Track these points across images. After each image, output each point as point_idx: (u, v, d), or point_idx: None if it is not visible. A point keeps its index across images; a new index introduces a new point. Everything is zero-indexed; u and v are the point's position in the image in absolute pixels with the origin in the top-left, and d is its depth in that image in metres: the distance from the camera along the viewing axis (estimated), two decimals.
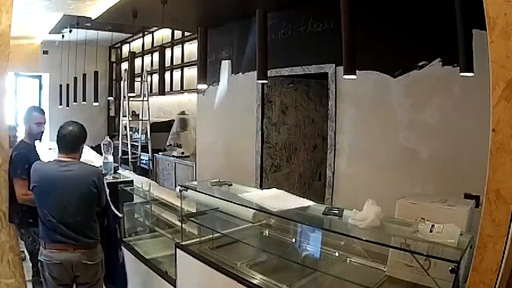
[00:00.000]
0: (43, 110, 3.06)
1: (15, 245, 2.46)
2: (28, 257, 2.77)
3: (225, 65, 4.90)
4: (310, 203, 2.14)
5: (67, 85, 6.57)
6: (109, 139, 3.70)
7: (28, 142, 2.84)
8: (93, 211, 2.31)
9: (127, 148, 6.95)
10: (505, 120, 1.14)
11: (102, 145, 3.63)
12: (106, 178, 3.45)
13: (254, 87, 4.46)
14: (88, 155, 4.76)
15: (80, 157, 2.40)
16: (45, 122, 2.95)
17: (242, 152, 4.68)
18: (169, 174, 6.15)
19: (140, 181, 3.44)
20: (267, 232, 2.49)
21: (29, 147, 2.81)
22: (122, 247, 2.82)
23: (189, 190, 2.50)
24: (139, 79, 7.16)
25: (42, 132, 2.93)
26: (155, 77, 7.18)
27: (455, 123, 2.79)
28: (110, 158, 3.61)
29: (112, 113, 9.21)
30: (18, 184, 2.50)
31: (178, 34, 6.49)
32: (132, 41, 8.01)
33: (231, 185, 2.56)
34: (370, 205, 1.72)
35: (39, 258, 2.23)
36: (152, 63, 7.33)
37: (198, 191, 2.48)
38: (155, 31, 7.12)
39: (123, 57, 8.62)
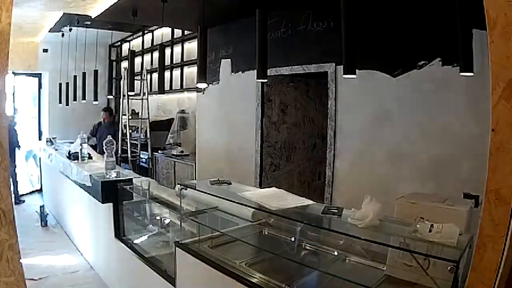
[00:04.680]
0: None
1: (14, 243, 2.46)
2: None
3: (225, 64, 4.90)
4: (310, 202, 2.14)
5: (67, 83, 6.56)
6: (111, 138, 3.71)
7: None
8: None
9: (127, 147, 6.95)
10: (504, 120, 1.14)
11: (104, 144, 3.64)
12: (109, 177, 3.47)
13: (254, 86, 4.46)
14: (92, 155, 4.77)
15: None
16: None
17: (242, 151, 4.68)
18: (168, 172, 6.16)
19: (139, 180, 3.44)
20: (266, 231, 2.49)
21: None
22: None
23: (188, 189, 2.50)
24: (139, 77, 7.16)
25: None
26: (155, 75, 7.18)
27: (454, 122, 2.79)
28: (112, 157, 3.62)
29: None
30: None
31: (178, 32, 6.49)
32: (132, 39, 8.00)
33: (231, 184, 2.56)
34: (369, 203, 1.72)
35: None
36: (152, 62, 7.33)
37: (197, 190, 2.48)
38: (155, 29, 7.12)
39: (123, 55, 8.61)
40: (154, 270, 2.72)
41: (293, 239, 2.27)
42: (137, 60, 7.24)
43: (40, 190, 7.12)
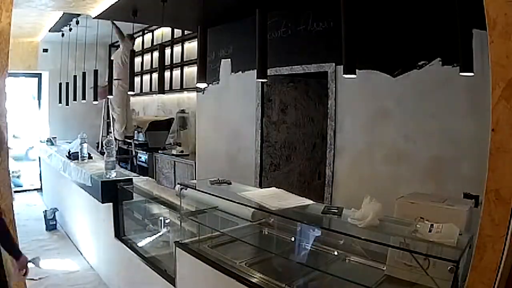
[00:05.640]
0: None
1: None
2: None
3: (225, 64, 4.90)
4: (309, 202, 2.14)
5: (67, 83, 6.56)
6: (110, 137, 3.72)
7: None
8: None
9: (126, 147, 6.96)
10: (504, 120, 1.14)
11: (104, 144, 3.64)
12: (109, 177, 3.47)
13: (254, 86, 4.46)
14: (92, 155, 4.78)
15: None
16: None
17: (242, 151, 4.68)
18: (168, 172, 6.16)
19: (139, 180, 3.45)
20: (266, 231, 2.49)
21: None
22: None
23: (188, 188, 2.50)
24: (139, 77, 7.16)
25: None
26: (155, 75, 7.18)
27: (454, 122, 2.79)
28: (112, 157, 3.63)
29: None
30: None
31: (178, 32, 6.49)
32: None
33: (231, 183, 2.56)
34: (369, 203, 1.72)
35: None
36: (152, 62, 7.33)
37: (197, 190, 2.48)
38: (155, 29, 7.12)
39: None
40: (154, 270, 2.73)
41: (293, 239, 2.27)
42: (137, 59, 7.25)
43: (40, 190, 7.13)
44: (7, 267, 2.22)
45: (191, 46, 6.20)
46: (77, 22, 5.67)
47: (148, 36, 7.42)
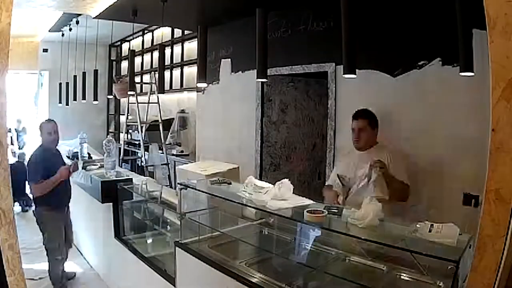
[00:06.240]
0: (52, 120, 3.76)
1: (14, 243, 2.46)
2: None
3: (225, 64, 4.90)
4: (310, 202, 2.14)
5: (67, 83, 6.56)
6: (110, 138, 3.72)
7: (46, 147, 3.57)
8: None
9: (128, 147, 6.95)
10: (504, 120, 1.14)
11: (104, 144, 3.64)
12: (109, 177, 3.47)
13: (254, 86, 4.46)
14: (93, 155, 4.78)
15: None
16: (55, 131, 3.61)
17: (242, 151, 4.68)
18: (168, 172, 6.15)
19: (139, 179, 3.45)
20: (266, 231, 2.49)
21: (46, 152, 3.52)
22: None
23: (188, 188, 2.51)
24: (139, 77, 7.15)
25: (55, 140, 3.65)
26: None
27: (454, 122, 2.79)
28: (112, 157, 3.63)
29: (111, 112, 9.21)
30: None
31: (178, 32, 6.49)
32: (132, 39, 8.01)
33: (231, 183, 2.56)
34: (369, 203, 1.72)
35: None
36: (152, 62, 7.33)
37: (197, 190, 2.48)
38: (155, 29, 7.12)
39: (123, 55, 8.62)
40: (154, 270, 2.73)
41: (293, 239, 2.27)
42: (137, 59, 7.25)
43: None
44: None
45: (191, 46, 6.20)
46: (77, 22, 5.67)
47: (148, 36, 7.42)
